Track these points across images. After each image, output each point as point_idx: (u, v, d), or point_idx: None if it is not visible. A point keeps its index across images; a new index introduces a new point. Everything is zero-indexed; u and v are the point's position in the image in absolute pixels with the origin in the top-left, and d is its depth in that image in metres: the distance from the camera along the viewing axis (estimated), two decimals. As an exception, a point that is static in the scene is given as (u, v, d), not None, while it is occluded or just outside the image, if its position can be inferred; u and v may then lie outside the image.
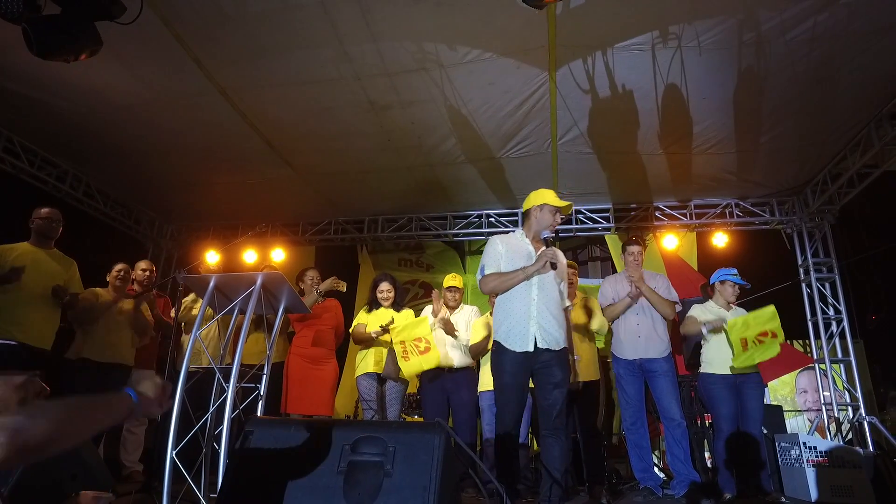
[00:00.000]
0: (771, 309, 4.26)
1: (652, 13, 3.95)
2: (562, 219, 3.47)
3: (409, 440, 2.08)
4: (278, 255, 7.48)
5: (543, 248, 3.24)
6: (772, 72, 4.40)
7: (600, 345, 5.05)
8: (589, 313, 4.60)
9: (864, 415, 6.06)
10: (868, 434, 5.90)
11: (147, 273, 5.00)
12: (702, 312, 4.46)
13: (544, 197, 3.43)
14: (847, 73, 4.46)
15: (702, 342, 4.50)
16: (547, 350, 3.16)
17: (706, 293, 4.67)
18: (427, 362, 4.44)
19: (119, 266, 4.59)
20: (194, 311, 4.82)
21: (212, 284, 3.11)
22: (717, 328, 4.29)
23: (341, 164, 6.13)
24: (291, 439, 2.15)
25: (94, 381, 4.18)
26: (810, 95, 4.71)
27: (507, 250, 3.41)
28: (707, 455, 5.34)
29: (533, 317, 3.19)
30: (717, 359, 4.30)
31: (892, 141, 5.06)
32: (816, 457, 4.33)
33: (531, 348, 3.14)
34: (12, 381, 1.36)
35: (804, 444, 4.35)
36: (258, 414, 3.00)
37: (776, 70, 4.39)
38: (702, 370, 4.34)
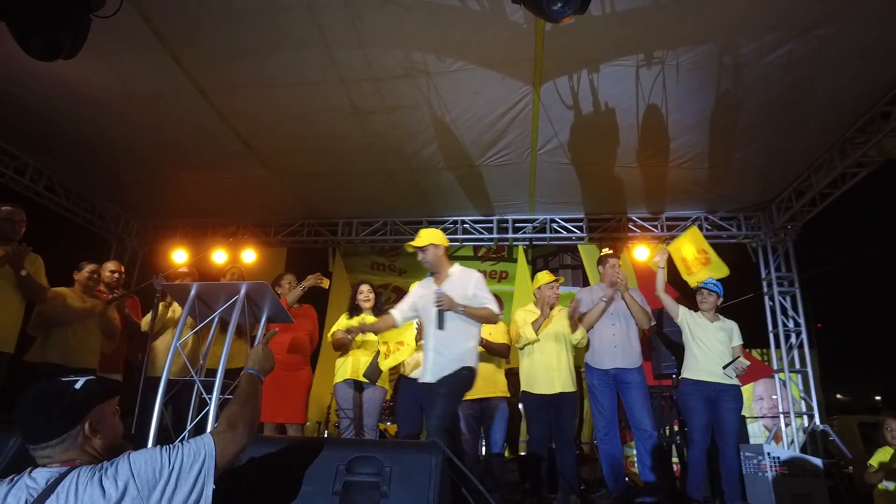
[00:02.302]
0: (691, 229, 4.73)
1: (639, 36, 4.04)
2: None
3: (406, 460, 2.07)
4: (249, 255, 7.33)
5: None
6: (747, 94, 4.57)
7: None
8: (574, 325, 4.62)
9: (818, 423, 6.34)
10: (820, 442, 6.18)
11: (116, 275, 4.82)
12: (689, 317, 4.51)
13: (431, 237, 3.75)
14: (816, 98, 4.67)
15: (685, 348, 4.54)
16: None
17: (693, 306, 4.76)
18: (402, 355, 4.44)
19: (90, 266, 4.41)
20: (173, 315, 4.64)
21: (193, 292, 3.03)
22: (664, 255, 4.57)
23: (319, 166, 6.06)
24: (284, 458, 2.12)
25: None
26: (781, 118, 4.90)
27: (417, 292, 3.80)
28: (674, 461, 5.48)
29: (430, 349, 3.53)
30: (691, 365, 4.38)
31: (853, 164, 5.33)
32: (778, 466, 4.49)
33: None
34: None
35: (768, 454, 4.50)
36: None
37: (751, 92, 4.55)
38: (682, 376, 4.42)
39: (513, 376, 5.03)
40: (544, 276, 4.66)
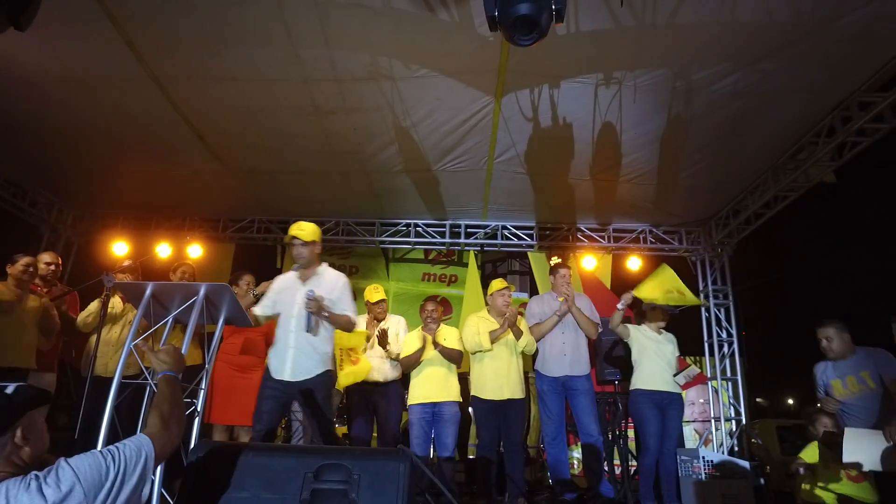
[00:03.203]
0: (663, 267, 4.73)
1: (600, 56, 4.21)
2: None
3: (374, 468, 2.09)
4: (195, 250, 7.09)
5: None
6: (696, 118, 4.84)
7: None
8: (517, 333, 4.73)
9: (744, 428, 6.77)
10: (745, 444, 6.61)
11: (52, 267, 4.57)
12: (636, 333, 4.72)
13: (290, 231, 3.69)
14: (755, 126, 5.02)
15: (633, 361, 4.74)
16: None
17: (639, 319, 4.97)
18: (357, 374, 4.42)
19: (25, 259, 4.15)
20: (113, 311, 4.41)
21: (148, 292, 2.92)
22: (627, 299, 4.57)
23: (275, 164, 5.95)
24: (249, 466, 2.09)
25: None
26: (724, 142, 5.23)
27: (278, 286, 3.73)
28: (616, 463, 5.70)
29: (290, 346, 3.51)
30: (644, 376, 4.57)
31: (784, 188, 5.76)
32: (710, 468, 4.77)
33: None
34: None
35: (703, 458, 4.77)
36: (194, 432, 2.85)
37: (700, 117, 4.83)
38: (633, 387, 4.62)
39: (463, 381, 5.10)
40: (497, 284, 4.76)
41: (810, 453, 4.11)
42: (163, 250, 7.04)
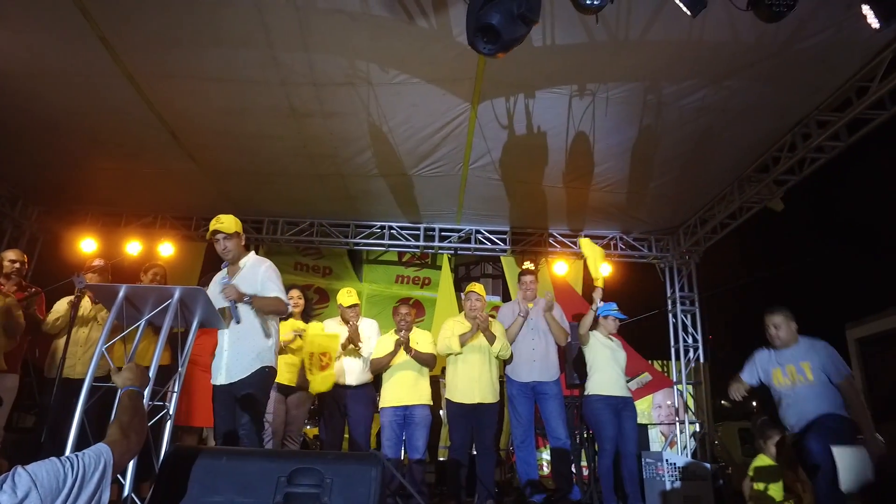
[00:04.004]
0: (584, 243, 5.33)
1: (574, 68, 4.33)
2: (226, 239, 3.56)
3: (347, 472, 2.12)
4: (166, 249, 6.98)
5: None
6: (666, 130, 5.00)
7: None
8: (491, 338, 4.80)
9: (707, 431, 6.98)
10: (708, 447, 6.83)
11: (17, 265, 4.46)
12: (591, 335, 4.84)
13: (212, 224, 3.61)
14: (722, 140, 5.21)
15: (587, 366, 4.88)
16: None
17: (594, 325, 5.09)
18: (324, 383, 4.42)
19: (-10, 257, 4.07)
20: (82, 313, 4.34)
21: (121, 295, 2.89)
22: (599, 296, 4.81)
23: (250, 164, 5.92)
24: (223, 471, 2.10)
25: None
26: (693, 154, 5.41)
27: (211, 287, 3.56)
28: (583, 465, 5.82)
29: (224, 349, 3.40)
30: (602, 381, 4.70)
31: (749, 199, 5.98)
32: (673, 471, 4.92)
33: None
34: None
35: (666, 460, 4.92)
36: (165, 436, 2.85)
37: (669, 130, 4.99)
38: (588, 392, 4.73)
39: (434, 384, 5.16)
40: (473, 287, 4.83)
41: (758, 463, 4.21)
42: (133, 248, 6.92)
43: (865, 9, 3.17)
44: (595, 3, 2.99)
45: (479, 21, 3.01)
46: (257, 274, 3.46)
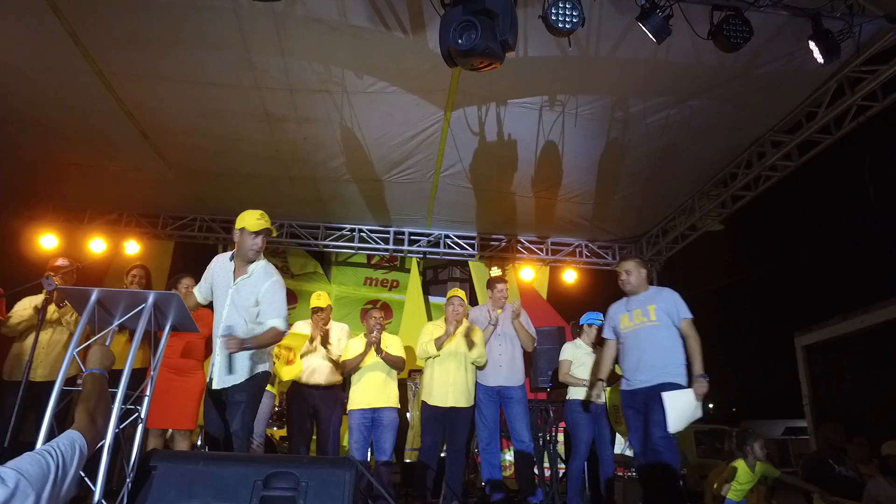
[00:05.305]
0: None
1: (545, 81, 4.48)
2: (266, 240, 3.33)
3: (321, 475, 2.19)
4: (132, 247, 6.87)
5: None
6: (632, 145, 5.22)
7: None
8: (470, 344, 4.87)
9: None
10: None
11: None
12: (573, 350, 4.99)
13: (243, 220, 3.32)
14: (684, 156, 5.47)
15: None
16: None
17: (576, 332, 5.23)
18: (290, 373, 4.46)
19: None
20: (64, 317, 4.27)
21: (93, 299, 2.88)
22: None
23: (221, 166, 5.89)
24: (199, 475, 2.15)
25: None
26: (656, 168, 5.65)
27: (216, 269, 3.42)
28: (546, 467, 5.98)
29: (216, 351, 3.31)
30: (584, 388, 4.82)
31: (708, 212, 6.27)
32: (633, 472, 5.12)
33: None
34: None
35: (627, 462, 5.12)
36: (136, 441, 2.85)
37: (635, 145, 5.21)
38: (569, 396, 4.88)
39: (402, 387, 5.23)
40: (455, 292, 4.93)
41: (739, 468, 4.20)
42: (97, 245, 6.79)
43: (812, 45, 3.42)
44: (567, 26, 3.14)
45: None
46: (260, 287, 3.25)
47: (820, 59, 3.48)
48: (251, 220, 3.29)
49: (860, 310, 6.20)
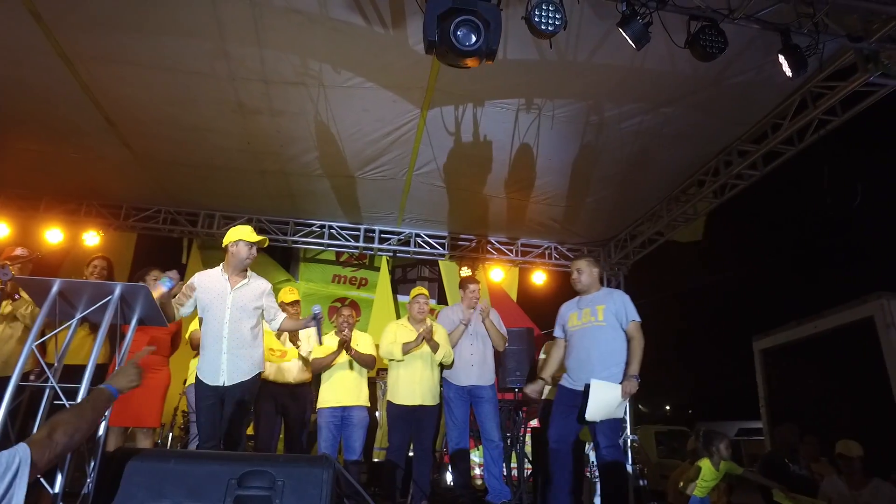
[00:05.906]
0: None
1: (523, 83, 4.51)
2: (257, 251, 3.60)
3: (298, 474, 2.15)
4: (92, 238, 6.61)
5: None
6: (605, 150, 5.31)
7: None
8: (434, 346, 4.85)
9: (629, 434, 7.38)
10: (628, 448, 7.23)
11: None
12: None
13: (240, 233, 3.57)
14: (655, 162, 5.59)
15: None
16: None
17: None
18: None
19: None
20: (18, 310, 4.06)
21: (55, 290, 2.75)
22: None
23: (190, 157, 5.73)
24: (171, 474, 2.08)
25: None
26: (627, 174, 5.76)
27: (203, 284, 3.52)
28: (514, 466, 6.02)
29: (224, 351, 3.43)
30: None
31: (675, 218, 6.43)
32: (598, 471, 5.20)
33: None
34: None
35: (592, 462, 5.20)
36: (100, 438, 2.74)
37: (608, 149, 5.30)
38: (550, 396, 4.91)
39: (372, 386, 5.19)
40: (413, 291, 4.90)
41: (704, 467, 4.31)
42: (53, 235, 6.51)
43: (781, 58, 3.55)
44: (550, 29, 3.17)
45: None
46: (259, 294, 3.57)
47: (789, 73, 3.61)
48: (247, 232, 3.58)
49: (815, 315, 6.44)
